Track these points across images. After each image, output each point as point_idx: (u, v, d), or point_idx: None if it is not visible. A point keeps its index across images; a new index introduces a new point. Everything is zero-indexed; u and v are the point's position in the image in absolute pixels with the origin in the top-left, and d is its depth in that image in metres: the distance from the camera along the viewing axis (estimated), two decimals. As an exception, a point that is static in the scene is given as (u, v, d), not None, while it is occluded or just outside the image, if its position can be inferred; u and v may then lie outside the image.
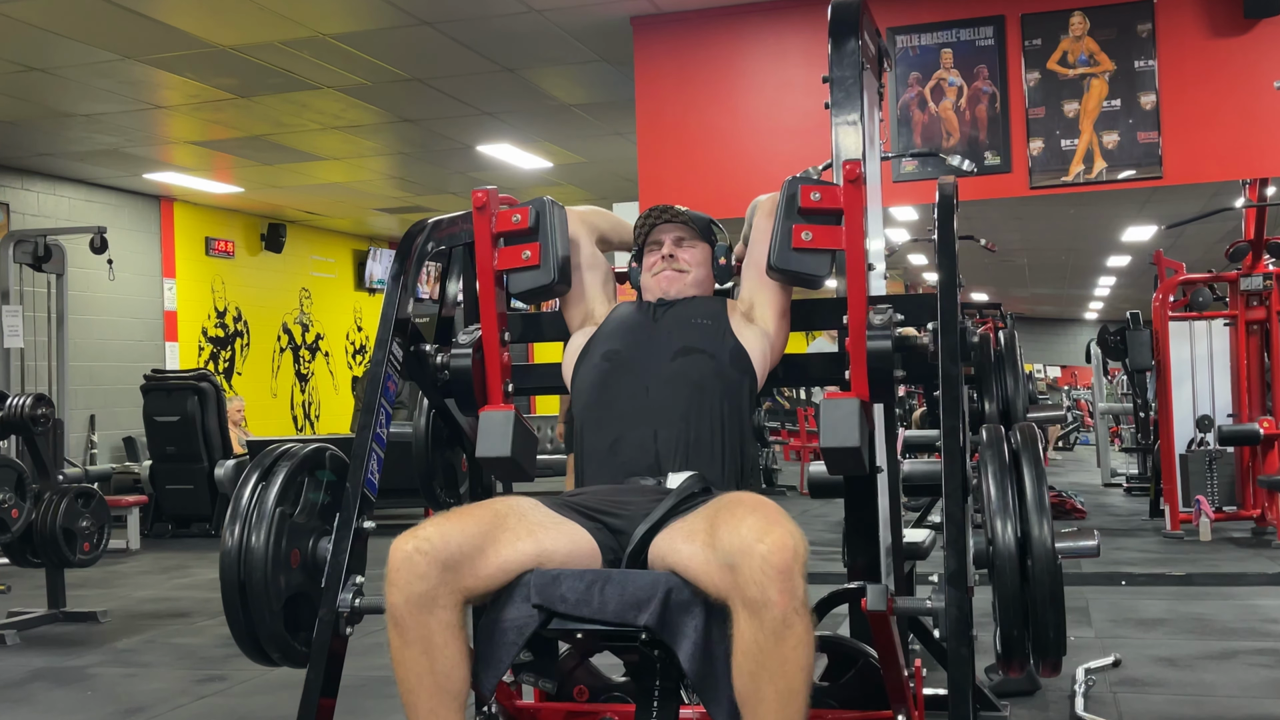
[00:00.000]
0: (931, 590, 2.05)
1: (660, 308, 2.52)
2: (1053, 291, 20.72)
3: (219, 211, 11.47)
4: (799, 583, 1.84)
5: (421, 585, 1.93)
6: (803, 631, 1.84)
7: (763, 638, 1.83)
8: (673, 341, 2.42)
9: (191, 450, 8.61)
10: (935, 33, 5.84)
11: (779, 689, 1.84)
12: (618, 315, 2.57)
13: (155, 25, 6.03)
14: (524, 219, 2.47)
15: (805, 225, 2.31)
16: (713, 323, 2.46)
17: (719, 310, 2.50)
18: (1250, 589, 5.50)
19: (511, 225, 2.49)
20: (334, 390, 13.18)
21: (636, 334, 2.47)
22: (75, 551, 5.10)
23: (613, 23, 6.17)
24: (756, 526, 1.87)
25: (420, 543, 1.95)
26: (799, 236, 2.30)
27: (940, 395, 2.18)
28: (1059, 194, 5.97)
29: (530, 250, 2.46)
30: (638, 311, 2.55)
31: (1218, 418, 7.46)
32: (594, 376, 2.44)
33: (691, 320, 2.47)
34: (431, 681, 1.96)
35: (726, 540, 1.88)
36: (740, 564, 1.84)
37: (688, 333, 2.43)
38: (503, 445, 2.36)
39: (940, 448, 2.17)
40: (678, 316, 2.49)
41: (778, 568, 1.82)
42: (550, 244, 2.46)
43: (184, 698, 3.96)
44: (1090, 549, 2.13)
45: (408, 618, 1.94)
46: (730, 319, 2.47)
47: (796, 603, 1.83)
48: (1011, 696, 3.52)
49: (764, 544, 1.83)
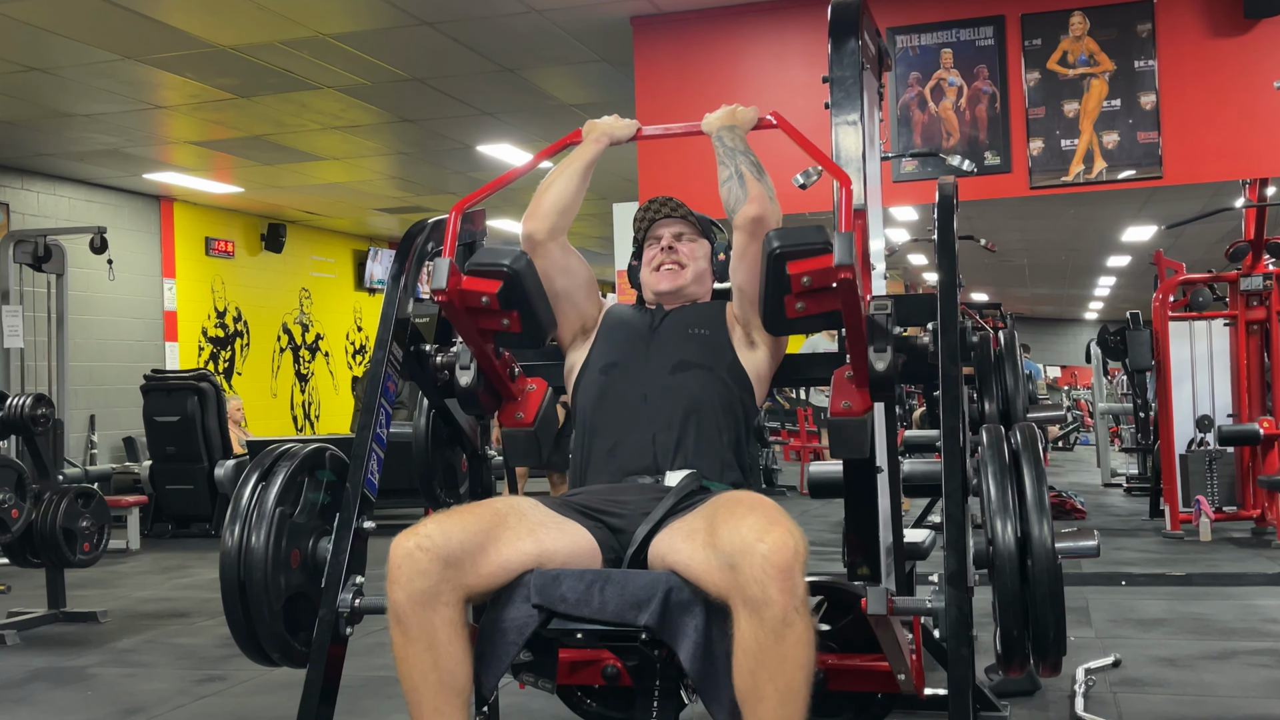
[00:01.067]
0: (931, 590, 2.05)
1: (659, 314, 2.51)
2: (1053, 291, 20.71)
3: (219, 211, 11.47)
4: (799, 581, 1.84)
5: (423, 582, 1.93)
6: (803, 630, 1.84)
7: (763, 636, 1.83)
8: (671, 353, 2.42)
9: (191, 450, 8.60)
10: (935, 33, 5.84)
11: (779, 687, 1.84)
12: (614, 322, 2.55)
13: (155, 25, 6.03)
14: (492, 299, 2.26)
15: (797, 298, 2.07)
16: (711, 333, 2.45)
17: (718, 318, 2.49)
18: (1250, 589, 5.50)
19: (480, 305, 2.28)
20: (334, 390, 13.18)
21: (635, 344, 2.46)
22: (75, 551, 5.10)
23: (613, 23, 6.17)
24: (757, 526, 1.87)
25: (422, 540, 1.95)
26: (793, 308, 2.09)
27: (940, 395, 2.18)
28: (1059, 194, 5.97)
29: (509, 319, 2.31)
30: (636, 317, 2.53)
31: (1218, 418, 7.45)
32: (594, 390, 2.44)
33: (690, 330, 2.46)
34: (435, 679, 1.95)
35: (727, 539, 1.88)
36: (741, 563, 1.84)
37: (686, 345, 2.43)
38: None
39: (940, 448, 2.17)
40: (676, 325, 2.48)
41: (778, 566, 1.82)
42: (526, 309, 2.30)
43: (184, 698, 3.96)
44: (1090, 549, 2.13)
45: (410, 615, 1.94)
46: (730, 332, 2.46)
47: (797, 601, 1.83)
48: (1011, 696, 3.52)
49: (765, 543, 1.84)
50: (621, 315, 2.57)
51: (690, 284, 2.55)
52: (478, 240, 2.75)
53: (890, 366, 2.11)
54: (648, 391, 2.37)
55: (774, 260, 2.02)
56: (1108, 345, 9.66)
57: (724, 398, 2.37)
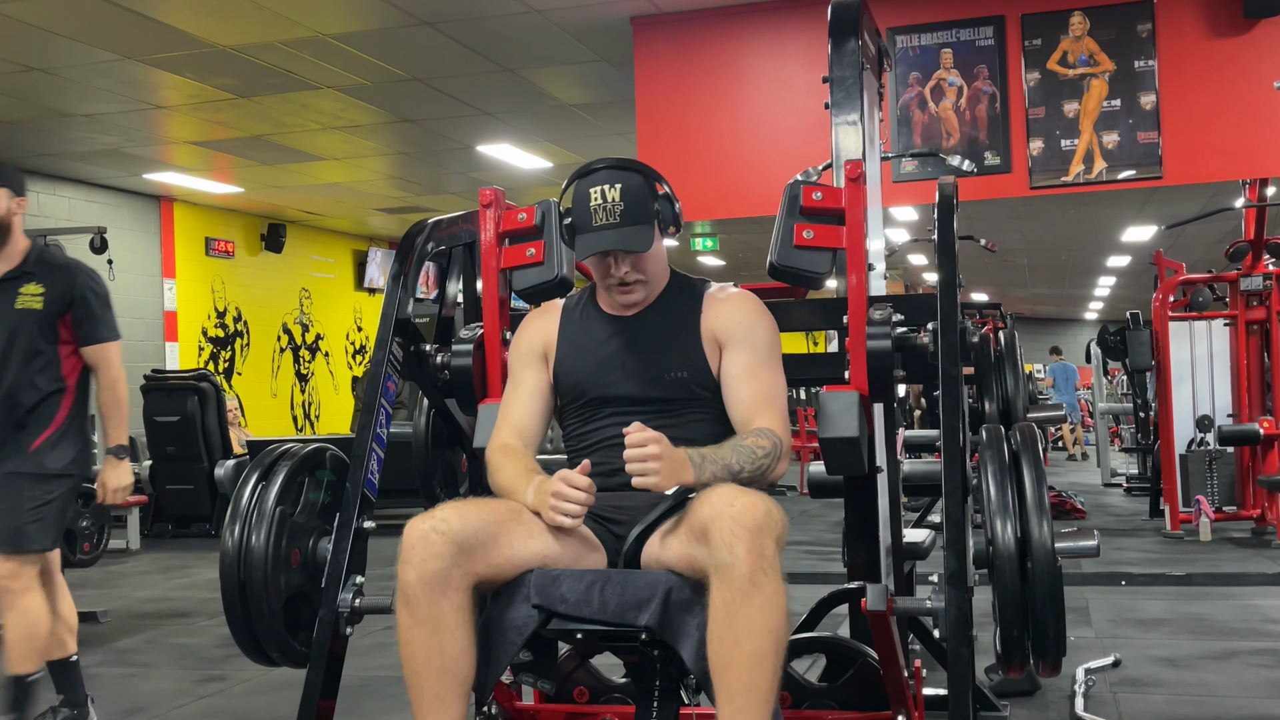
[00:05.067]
0: (931, 590, 2.05)
1: (625, 324, 2.30)
2: (1053, 291, 20.72)
3: (219, 211, 11.47)
4: (768, 543, 1.86)
5: (436, 564, 1.94)
6: (771, 593, 1.84)
7: (730, 597, 1.83)
8: (648, 372, 2.25)
9: (191, 450, 8.61)
10: (935, 33, 5.84)
11: (746, 651, 1.83)
12: (576, 339, 2.33)
13: (155, 25, 6.03)
14: (529, 218, 2.48)
15: (807, 224, 2.31)
16: (686, 337, 2.26)
17: (691, 321, 2.28)
18: (1250, 589, 5.50)
19: (517, 224, 2.50)
20: (334, 390, 13.17)
21: (609, 366, 2.28)
22: (75, 551, 5.11)
23: (613, 23, 6.17)
24: (727, 494, 1.91)
25: (438, 523, 1.96)
26: (800, 235, 2.30)
27: (940, 395, 2.18)
28: (1059, 194, 5.97)
29: (535, 248, 2.46)
30: (601, 330, 2.31)
31: (1218, 418, 7.46)
32: (576, 419, 2.32)
33: (663, 342, 2.27)
34: (439, 663, 1.96)
35: (700, 512, 1.92)
36: (711, 528, 1.87)
37: (663, 359, 2.25)
38: None
39: (940, 448, 2.17)
40: (646, 340, 2.28)
41: (746, 526, 1.84)
42: (555, 242, 2.45)
43: (184, 698, 3.96)
44: (1090, 549, 2.14)
45: (420, 595, 1.94)
46: (704, 343, 2.26)
47: (765, 563, 1.84)
48: (1011, 696, 3.52)
49: (734, 506, 1.87)
50: (581, 328, 2.34)
51: (654, 288, 2.31)
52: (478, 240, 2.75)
53: (887, 319, 2.21)
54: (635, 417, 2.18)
55: (791, 186, 2.27)
56: (1108, 345, 9.67)
57: (712, 411, 2.27)
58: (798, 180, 2.37)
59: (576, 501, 2.03)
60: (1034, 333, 23.79)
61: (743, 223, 10.05)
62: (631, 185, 2.20)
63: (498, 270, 2.53)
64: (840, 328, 2.34)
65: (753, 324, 2.27)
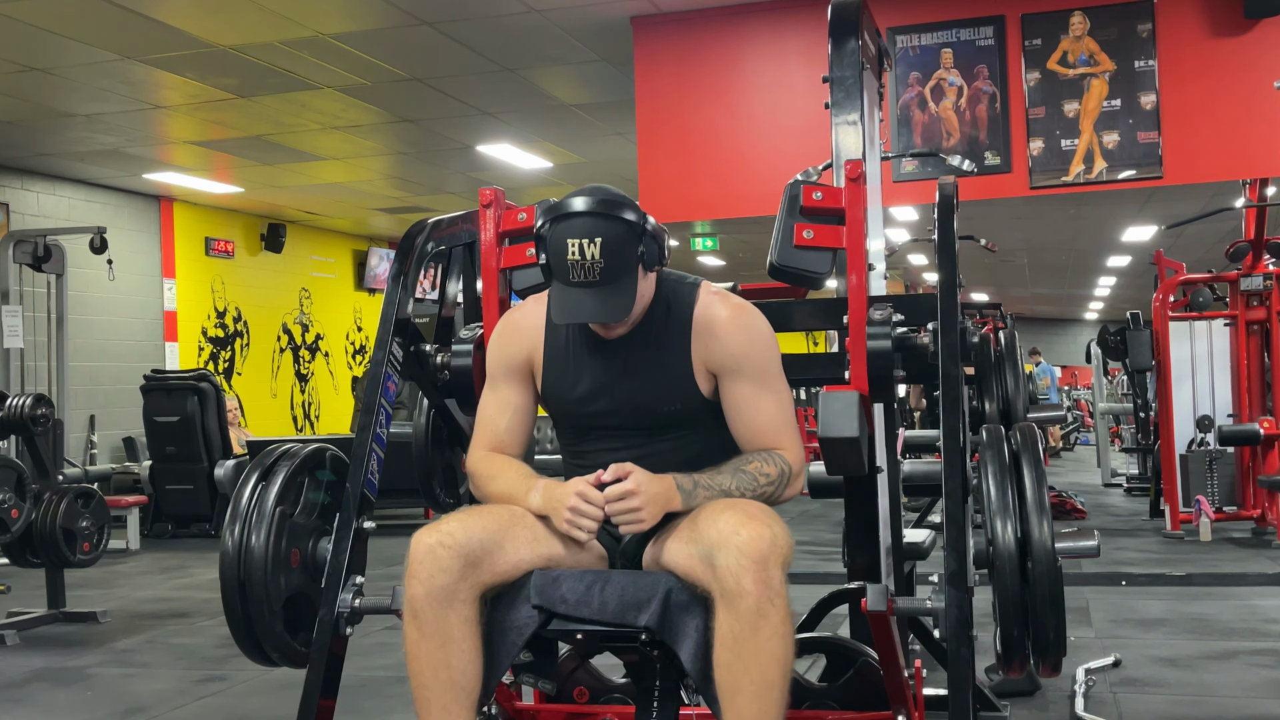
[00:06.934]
0: (931, 590, 2.05)
1: (612, 348, 2.17)
2: (1053, 291, 20.71)
3: (219, 211, 11.46)
4: (775, 573, 1.86)
5: (444, 579, 1.94)
6: (778, 623, 1.85)
7: (738, 627, 1.84)
8: (637, 403, 2.15)
9: (191, 450, 8.61)
10: (935, 33, 5.84)
11: (754, 679, 1.85)
12: (560, 361, 2.21)
13: (155, 25, 6.03)
14: (529, 218, 2.48)
15: (807, 224, 2.32)
16: (675, 368, 2.15)
17: (681, 348, 2.15)
18: (1250, 589, 5.50)
19: (517, 224, 2.51)
20: (334, 390, 13.17)
21: (597, 396, 2.17)
22: (75, 551, 5.10)
23: (613, 23, 6.16)
24: (734, 520, 1.90)
25: (444, 536, 1.96)
26: (800, 235, 2.31)
27: (940, 395, 2.18)
28: (1059, 194, 5.96)
29: (535, 248, 2.45)
30: (586, 353, 2.19)
31: (1218, 418, 7.46)
32: (570, 435, 2.26)
33: (651, 374, 2.15)
34: (447, 676, 1.96)
35: (706, 534, 1.91)
36: (717, 556, 1.87)
37: (652, 392, 2.15)
38: None
39: (940, 448, 2.17)
40: (635, 368, 2.16)
41: (752, 556, 1.84)
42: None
43: (184, 698, 3.96)
44: (1090, 549, 2.14)
45: (427, 611, 1.95)
46: (696, 374, 2.15)
47: (771, 593, 1.84)
48: (1011, 696, 3.52)
49: (740, 535, 1.86)
50: (564, 349, 2.22)
51: (636, 317, 2.15)
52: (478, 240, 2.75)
53: (887, 319, 2.20)
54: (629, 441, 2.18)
55: (791, 186, 2.29)
56: (1108, 345, 9.66)
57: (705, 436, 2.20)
58: (798, 180, 2.37)
59: (593, 517, 2.02)
60: (1034, 333, 23.80)
61: (743, 223, 10.03)
62: (613, 238, 2.00)
63: (498, 270, 2.54)
64: (840, 328, 2.34)
65: (746, 351, 2.13)
